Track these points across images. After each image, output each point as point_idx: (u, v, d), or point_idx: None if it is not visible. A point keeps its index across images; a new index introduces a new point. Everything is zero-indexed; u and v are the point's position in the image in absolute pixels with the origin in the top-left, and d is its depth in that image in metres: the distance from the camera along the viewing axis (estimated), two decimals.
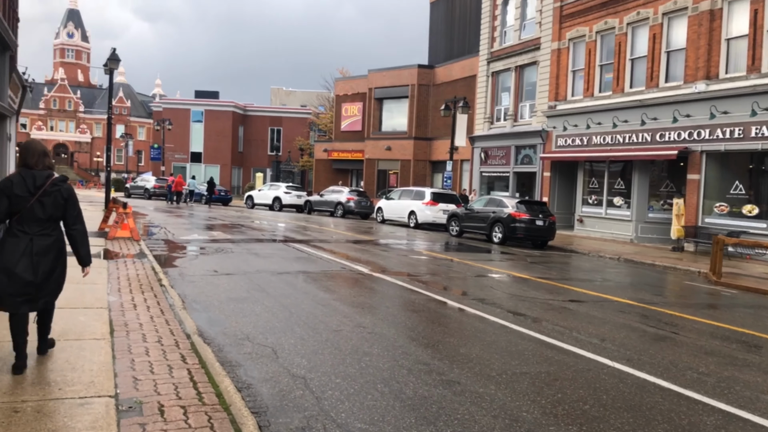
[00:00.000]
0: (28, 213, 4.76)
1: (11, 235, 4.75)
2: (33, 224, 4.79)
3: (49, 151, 5.09)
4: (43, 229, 4.83)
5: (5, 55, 18.27)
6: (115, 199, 16.54)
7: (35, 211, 4.78)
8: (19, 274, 4.70)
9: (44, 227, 4.84)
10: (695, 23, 21.02)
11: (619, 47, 24.14)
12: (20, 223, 4.76)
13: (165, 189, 42.21)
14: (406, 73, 39.40)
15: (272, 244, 16.53)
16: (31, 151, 4.88)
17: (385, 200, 30.51)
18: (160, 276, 9.87)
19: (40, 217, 4.80)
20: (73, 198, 5.01)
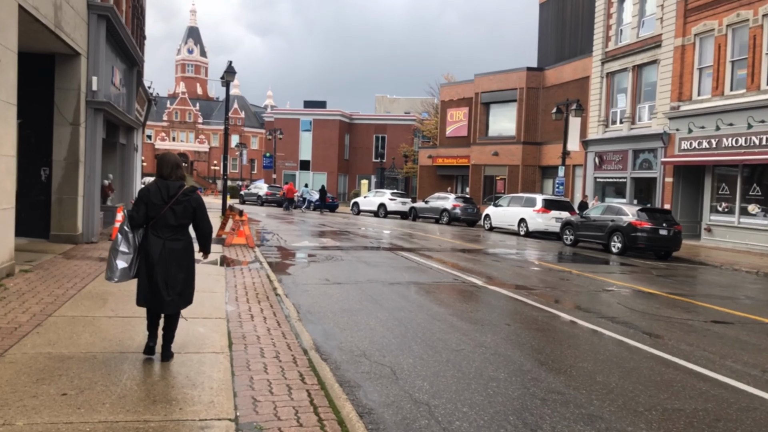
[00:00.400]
0: (162, 219, 5.21)
1: (147, 239, 5.24)
2: (166, 229, 5.24)
3: (181, 163, 5.50)
4: (174, 234, 5.28)
5: (133, 71, 19.40)
6: (231, 207, 17.02)
7: (168, 218, 5.23)
8: (155, 275, 5.18)
9: (175, 232, 5.29)
10: None
11: (753, 41, 22.01)
12: (155, 228, 5.24)
13: (280, 196, 44.24)
14: (514, 76, 38.33)
15: (381, 252, 16.35)
16: (166, 163, 5.35)
17: (493, 207, 29.68)
18: (275, 285, 9.86)
19: (172, 223, 5.24)
20: (202, 206, 5.45)
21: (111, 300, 7.77)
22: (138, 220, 5.25)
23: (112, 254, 5.31)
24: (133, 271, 5.36)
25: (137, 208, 5.26)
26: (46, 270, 9.65)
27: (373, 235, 22.67)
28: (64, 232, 12.92)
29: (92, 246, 13.06)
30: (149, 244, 5.24)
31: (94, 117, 13.38)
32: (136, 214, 5.25)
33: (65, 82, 12.77)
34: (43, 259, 10.76)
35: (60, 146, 12.81)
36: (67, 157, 12.86)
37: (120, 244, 5.29)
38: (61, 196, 12.88)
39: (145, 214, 5.24)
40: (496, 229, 29.11)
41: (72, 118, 12.83)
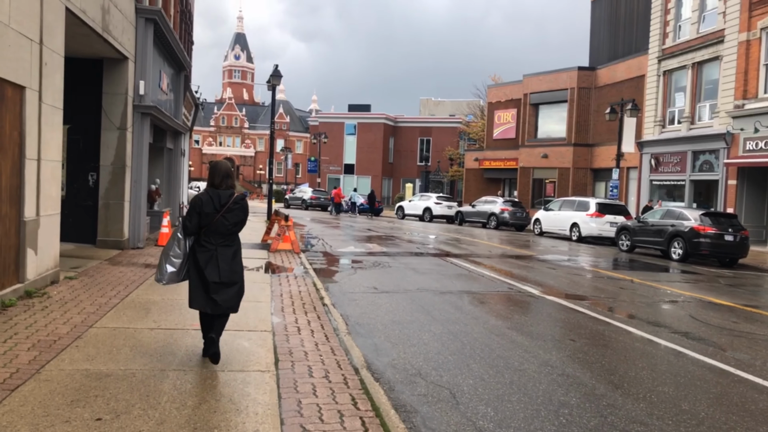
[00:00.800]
0: (214, 227, 5.38)
1: (200, 246, 5.41)
2: (217, 237, 5.42)
3: (232, 171, 5.64)
4: (225, 240, 5.45)
5: (180, 76, 19.42)
6: (277, 212, 16.78)
7: (219, 226, 5.40)
8: (208, 279, 5.33)
9: (226, 239, 5.47)
10: None
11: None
12: (207, 235, 5.41)
13: (326, 200, 45.02)
14: (564, 76, 37.24)
15: (429, 259, 15.82)
16: (217, 172, 5.50)
17: (543, 211, 28.77)
18: (321, 293, 9.46)
19: (223, 231, 5.42)
20: (247, 213, 5.68)
21: (154, 310, 7.49)
22: (191, 229, 5.43)
23: (164, 258, 5.50)
24: (182, 275, 5.54)
25: (190, 218, 5.41)
26: (90, 277, 9.49)
27: (420, 240, 22.15)
28: (111, 238, 12.85)
29: (138, 252, 12.95)
30: (201, 249, 5.42)
31: (141, 121, 13.30)
32: (189, 223, 5.41)
33: (113, 87, 12.70)
34: (88, 265, 10.64)
35: (107, 151, 12.75)
36: (114, 162, 12.79)
37: (172, 249, 5.49)
38: (107, 202, 12.81)
39: (198, 223, 5.40)
40: (546, 234, 28.20)
41: (119, 122, 12.75)
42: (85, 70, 12.89)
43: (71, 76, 12.94)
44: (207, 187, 5.53)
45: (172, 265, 5.45)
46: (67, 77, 12.98)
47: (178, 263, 5.46)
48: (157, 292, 8.64)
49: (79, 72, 12.92)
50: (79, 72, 12.92)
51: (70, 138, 12.98)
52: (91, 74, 12.83)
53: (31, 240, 7.87)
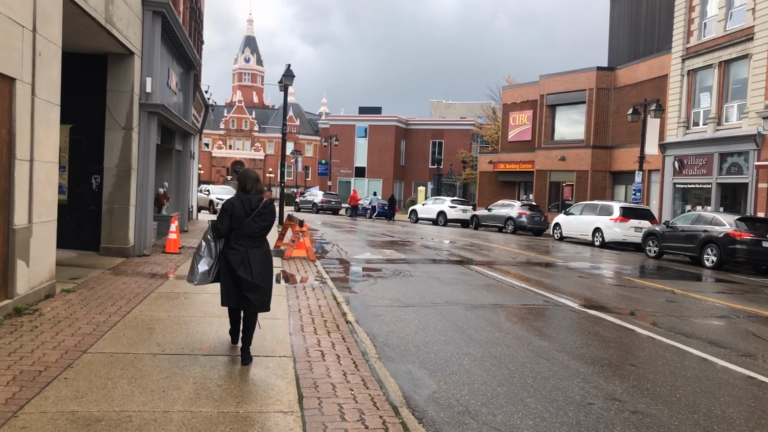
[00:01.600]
0: (244, 230, 5.59)
1: (230, 248, 5.64)
2: (247, 239, 5.63)
3: (260, 177, 5.88)
4: (254, 242, 5.67)
5: (190, 75, 18.65)
6: (291, 216, 15.94)
7: (249, 228, 5.62)
8: (240, 278, 5.56)
9: (255, 241, 5.68)
10: None
11: None
12: (237, 238, 5.61)
13: (338, 204, 46.21)
14: (582, 76, 36.25)
15: (451, 266, 14.92)
16: (247, 178, 5.74)
17: (563, 215, 27.79)
18: (343, 308, 8.59)
19: (253, 233, 5.64)
20: (275, 216, 5.94)
21: (158, 330, 6.64)
22: (222, 231, 5.68)
23: (195, 259, 5.78)
24: (212, 276, 5.81)
25: (221, 220, 5.63)
26: (90, 289, 8.66)
27: (438, 245, 21.25)
28: (115, 245, 12.04)
29: (144, 260, 12.13)
30: (232, 251, 5.64)
31: (147, 121, 12.50)
32: (221, 225, 5.64)
33: (118, 84, 11.91)
34: (89, 275, 9.82)
35: (111, 152, 11.96)
36: (119, 164, 11.99)
37: (203, 251, 5.77)
38: (111, 206, 12.01)
39: (229, 226, 5.64)
40: (566, 239, 27.23)
41: (124, 122, 11.96)
42: (88, 66, 12.12)
43: (74, 73, 12.19)
44: (238, 192, 5.78)
45: (204, 265, 5.74)
46: (69, 73, 12.23)
47: (209, 263, 5.75)
48: (162, 307, 7.80)
49: (82, 68, 12.16)
50: (82, 68, 12.16)
51: (73, 138, 12.21)
52: (95, 71, 12.06)
53: (21, 250, 7.05)
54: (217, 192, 37.43)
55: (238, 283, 5.60)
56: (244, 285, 5.58)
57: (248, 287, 5.58)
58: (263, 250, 5.79)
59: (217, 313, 7.59)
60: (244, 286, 5.58)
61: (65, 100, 12.20)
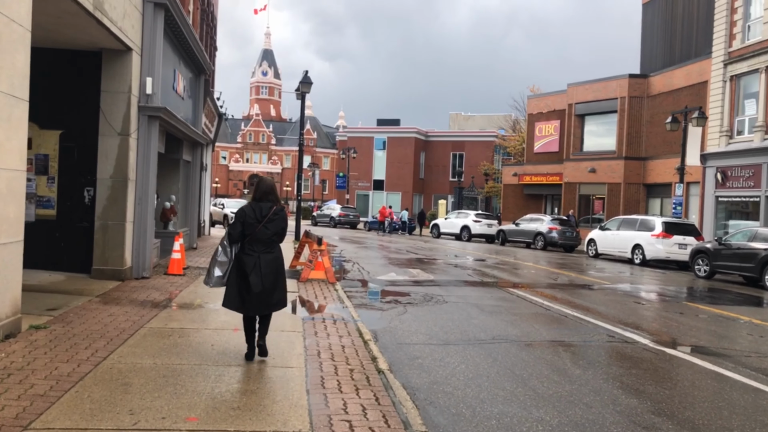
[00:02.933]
0: (256, 236, 5.97)
1: (244, 253, 5.98)
2: (259, 244, 5.99)
3: (275, 188, 6.23)
4: (266, 248, 6.03)
5: (200, 80, 17.31)
6: (308, 233, 14.42)
7: (261, 234, 6.00)
8: (252, 285, 5.90)
9: (267, 246, 6.04)
10: None
11: None
12: (250, 244, 5.98)
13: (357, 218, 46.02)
14: (613, 84, 34.52)
15: (487, 290, 13.28)
16: (260, 188, 6.14)
17: (599, 231, 25.99)
18: (372, 348, 6.99)
19: (264, 239, 6.00)
20: (286, 223, 6.24)
21: (136, 386, 5.10)
22: (235, 237, 5.99)
23: (212, 263, 6.07)
24: (225, 279, 6.05)
25: (234, 227, 5.99)
26: (67, 324, 7.17)
27: (467, 264, 19.60)
28: (109, 267, 10.58)
29: (142, 283, 10.65)
30: (245, 256, 5.95)
31: (147, 126, 11.08)
32: (234, 231, 5.99)
33: (113, 83, 10.52)
34: (72, 304, 8.35)
35: (105, 161, 10.54)
36: (114, 175, 10.56)
37: (219, 255, 6.04)
38: (105, 222, 10.57)
39: (241, 232, 5.97)
40: (602, 256, 25.42)
41: (120, 127, 10.54)
42: (82, 65, 10.77)
43: (65, 72, 10.84)
44: (250, 201, 6.17)
45: (220, 270, 6.01)
46: (60, 72, 10.91)
47: (224, 269, 6.02)
48: (149, 350, 6.28)
49: (75, 67, 10.82)
50: (75, 67, 10.82)
51: (63, 146, 10.84)
52: (89, 70, 10.69)
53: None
54: (232, 206, 36.05)
55: (248, 288, 5.90)
56: (251, 290, 5.89)
57: (259, 292, 5.91)
58: (274, 255, 6.11)
59: (216, 359, 6.06)
60: (251, 291, 5.90)
61: (55, 102, 10.87)
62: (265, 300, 5.99)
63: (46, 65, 10.73)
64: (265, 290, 5.93)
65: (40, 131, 10.70)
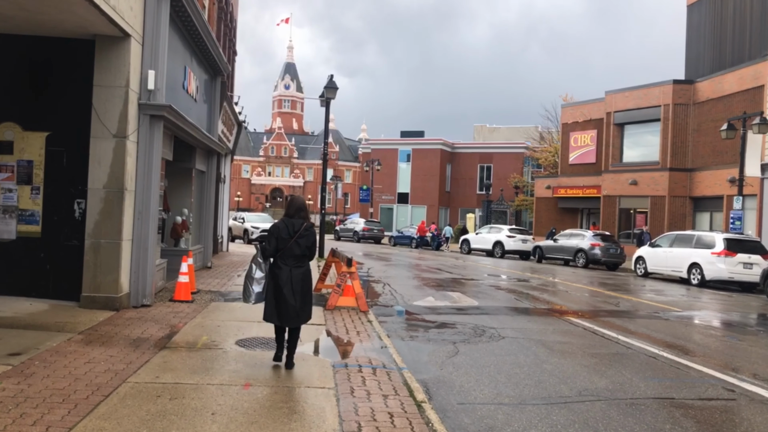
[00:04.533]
0: (288, 251, 6.31)
1: (276, 267, 6.34)
2: (290, 259, 6.33)
3: (305, 205, 6.61)
4: (297, 262, 6.37)
5: (216, 82, 15.73)
6: (335, 252, 12.63)
7: (293, 249, 6.32)
8: (285, 297, 6.23)
9: (298, 261, 6.38)
10: None
11: None
12: (282, 258, 6.33)
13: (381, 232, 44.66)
14: (656, 91, 32.40)
15: (544, 319, 11.36)
16: (292, 205, 6.55)
17: (648, 248, 23.82)
18: (431, 420, 5.13)
19: (296, 254, 6.34)
20: (316, 239, 6.57)
21: None
22: (269, 252, 6.35)
23: (249, 281, 6.37)
24: (263, 294, 6.38)
25: (269, 242, 6.33)
26: (25, 379, 5.44)
27: (509, 285, 17.65)
28: (101, 294, 8.89)
29: (140, 314, 8.93)
30: (278, 270, 6.30)
31: (149, 127, 9.42)
32: (269, 246, 6.33)
33: (107, 76, 8.89)
34: (45, 346, 6.64)
35: (98, 168, 8.89)
36: (108, 184, 8.90)
37: (255, 272, 6.36)
38: (97, 241, 8.89)
39: (276, 247, 6.31)
40: (652, 275, 23.26)
41: (116, 128, 8.90)
42: (72, 55, 9.18)
43: (52, 63, 9.25)
44: (283, 217, 6.52)
45: (259, 286, 6.34)
46: (45, 64, 9.34)
47: (263, 284, 6.35)
48: (124, 425, 4.50)
49: (64, 58, 9.21)
50: (64, 58, 9.21)
51: (50, 150, 9.23)
52: (81, 61, 9.09)
53: None
54: (253, 220, 34.56)
55: (282, 301, 6.19)
56: (287, 302, 6.19)
57: (291, 304, 6.20)
58: (304, 269, 6.41)
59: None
60: (287, 303, 6.19)
61: (41, 100, 9.22)
62: (297, 313, 6.26)
63: (31, 56, 9.17)
64: (296, 304, 6.23)
65: (23, 133, 9.11)
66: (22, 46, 9.10)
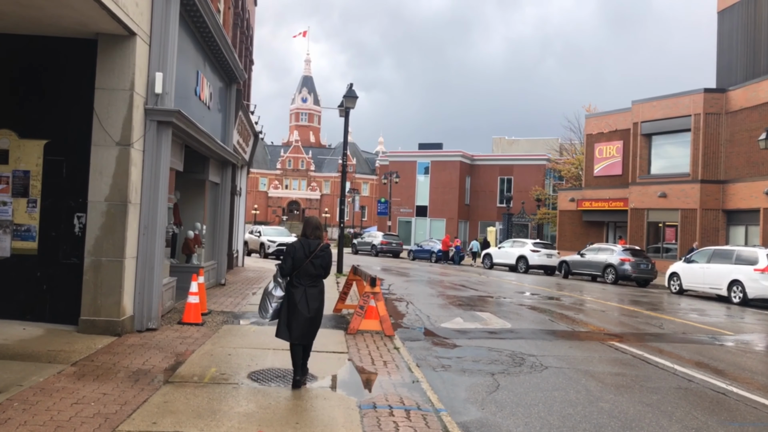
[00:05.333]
0: (304, 270, 6.41)
1: (292, 286, 6.43)
2: (306, 278, 6.44)
3: (321, 225, 6.78)
4: (312, 281, 6.48)
5: (231, 90, 15.00)
6: (357, 269, 11.72)
7: (309, 269, 6.42)
8: (298, 315, 6.34)
9: (313, 280, 6.49)
10: None
11: None
12: (298, 277, 6.43)
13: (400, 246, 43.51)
14: (686, 100, 31.25)
15: (588, 345, 10.34)
16: (308, 225, 6.66)
17: (683, 264, 22.62)
18: None
19: (311, 273, 6.45)
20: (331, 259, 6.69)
21: None
22: (287, 271, 6.42)
23: (268, 298, 6.44)
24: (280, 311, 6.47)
25: (285, 261, 6.42)
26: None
27: (540, 304, 16.60)
28: (101, 317, 8.06)
29: (144, 339, 8.09)
30: (294, 288, 6.40)
31: (156, 135, 8.64)
32: (285, 265, 6.41)
33: (110, 79, 8.13)
34: (29, 381, 5.80)
35: (99, 179, 8.10)
36: (111, 197, 8.11)
37: (275, 290, 6.44)
38: (97, 259, 8.08)
39: (292, 266, 6.40)
40: (688, 293, 22.05)
41: (120, 135, 8.12)
42: (73, 56, 8.44)
43: (51, 65, 8.53)
44: (299, 237, 6.71)
45: (277, 303, 6.42)
46: (43, 65, 8.63)
47: (279, 303, 6.43)
48: None
49: (65, 59, 8.47)
50: (65, 59, 8.47)
51: (49, 159, 8.47)
52: (83, 63, 8.35)
53: None
54: (269, 234, 33.80)
55: (297, 319, 6.32)
56: (299, 320, 6.31)
57: (305, 322, 6.34)
58: (319, 288, 6.54)
59: None
60: (299, 321, 6.31)
61: (40, 105, 8.49)
62: (309, 330, 6.42)
63: (28, 57, 8.44)
64: (308, 322, 6.36)
65: (19, 141, 8.36)
66: (17, 47, 8.38)
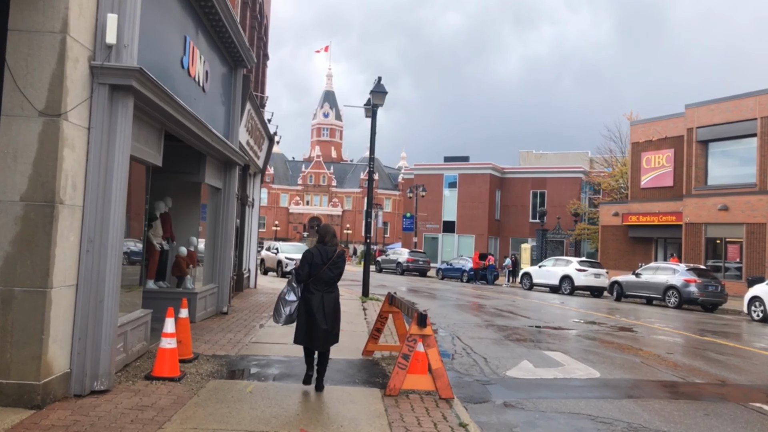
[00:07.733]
0: (320, 277, 6.52)
1: (309, 292, 6.53)
2: (322, 284, 6.55)
3: (335, 232, 6.90)
4: (328, 287, 6.59)
5: (236, 74, 12.32)
6: (394, 297, 8.76)
7: (325, 275, 6.56)
8: (317, 321, 6.45)
9: (329, 286, 6.61)
10: None
11: None
12: (315, 283, 6.53)
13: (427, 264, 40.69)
14: (749, 102, 28.04)
15: (723, 408, 7.32)
16: (327, 232, 6.80)
17: (764, 286, 19.38)
18: None
19: (327, 279, 6.57)
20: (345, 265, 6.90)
21: None
22: (303, 277, 6.55)
23: (282, 302, 6.56)
24: (293, 316, 6.58)
25: (302, 267, 6.55)
26: None
27: (616, 339, 13.49)
28: (11, 379, 5.25)
29: (81, 411, 5.24)
30: (310, 295, 6.51)
31: (110, 104, 5.88)
32: (302, 272, 6.54)
33: (32, 16, 5.39)
34: None
35: (11, 167, 5.34)
36: (30, 194, 5.34)
37: (289, 294, 6.57)
38: (7, 289, 5.29)
39: (308, 272, 6.52)
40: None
41: (45, 100, 5.37)
42: None
43: None
44: (317, 244, 6.75)
45: (290, 307, 6.52)
46: None
47: (293, 306, 6.54)
48: None
49: None
50: None
51: None
52: None
53: None
54: (287, 250, 31.04)
55: (313, 325, 6.42)
56: (319, 326, 6.41)
57: (322, 329, 6.43)
58: (334, 295, 6.70)
59: None
60: (318, 327, 6.41)
61: None
62: (327, 337, 6.51)
63: None
64: (328, 328, 6.46)
65: None
66: None
